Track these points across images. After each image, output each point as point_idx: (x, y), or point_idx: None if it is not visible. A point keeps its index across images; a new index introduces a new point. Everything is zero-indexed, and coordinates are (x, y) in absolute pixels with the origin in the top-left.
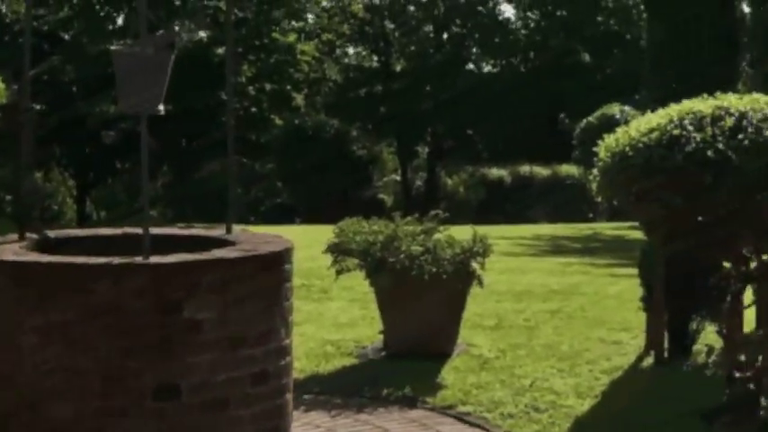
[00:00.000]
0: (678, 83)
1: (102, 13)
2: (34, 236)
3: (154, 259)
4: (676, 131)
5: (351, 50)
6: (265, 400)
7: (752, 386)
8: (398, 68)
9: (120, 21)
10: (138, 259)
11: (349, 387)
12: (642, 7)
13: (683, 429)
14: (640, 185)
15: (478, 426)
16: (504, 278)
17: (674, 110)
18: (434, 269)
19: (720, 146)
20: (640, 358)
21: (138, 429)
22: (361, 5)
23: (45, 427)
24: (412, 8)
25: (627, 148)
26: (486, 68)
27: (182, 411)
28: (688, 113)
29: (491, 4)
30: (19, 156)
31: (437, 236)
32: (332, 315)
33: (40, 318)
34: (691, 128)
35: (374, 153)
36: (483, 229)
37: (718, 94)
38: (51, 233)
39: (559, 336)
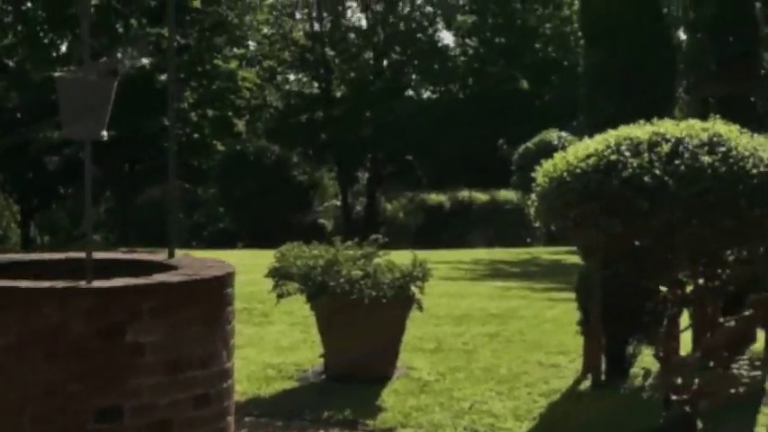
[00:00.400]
0: (615, 109)
1: (45, 41)
2: None
3: (97, 283)
4: (613, 157)
5: (292, 77)
6: (207, 422)
7: (688, 409)
8: (339, 95)
9: (63, 48)
10: (82, 283)
11: (290, 410)
12: (579, 34)
13: None
14: (578, 210)
15: None
16: (444, 302)
17: (611, 136)
18: (374, 293)
19: (657, 171)
20: (578, 381)
21: None
22: (301, 32)
23: None
24: (352, 35)
25: (565, 174)
26: (426, 95)
27: None
28: (625, 139)
29: (430, 32)
30: None
31: (377, 260)
32: (273, 338)
33: None
34: (627, 153)
35: (315, 178)
36: (422, 254)
37: (654, 120)
38: None
39: (498, 359)
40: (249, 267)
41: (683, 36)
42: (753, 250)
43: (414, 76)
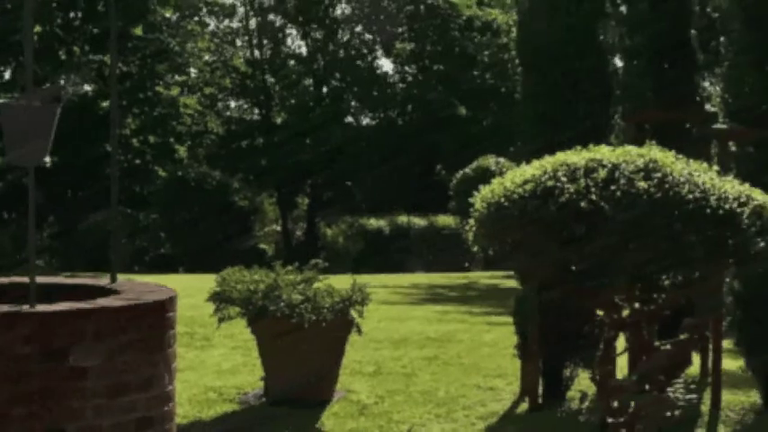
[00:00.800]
0: (552, 135)
1: None
2: None
3: (40, 308)
4: (550, 183)
5: (233, 103)
6: None
7: None
8: (279, 121)
9: (7, 75)
10: (26, 308)
11: None
12: (517, 62)
13: None
14: (516, 235)
15: None
16: (383, 326)
17: (548, 162)
18: (314, 317)
19: (593, 197)
20: (515, 404)
21: None
22: (242, 60)
23: None
24: (292, 62)
25: (502, 199)
26: (365, 121)
27: None
28: (562, 165)
29: (369, 59)
30: None
31: (317, 285)
32: (214, 362)
33: None
34: (564, 179)
35: (255, 204)
36: (362, 279)
37: (591, 146)
38: None
39: (436, 382)
40: (190, 292)
41: (619, 63)
42: (688, 275)
43: (353, 103)
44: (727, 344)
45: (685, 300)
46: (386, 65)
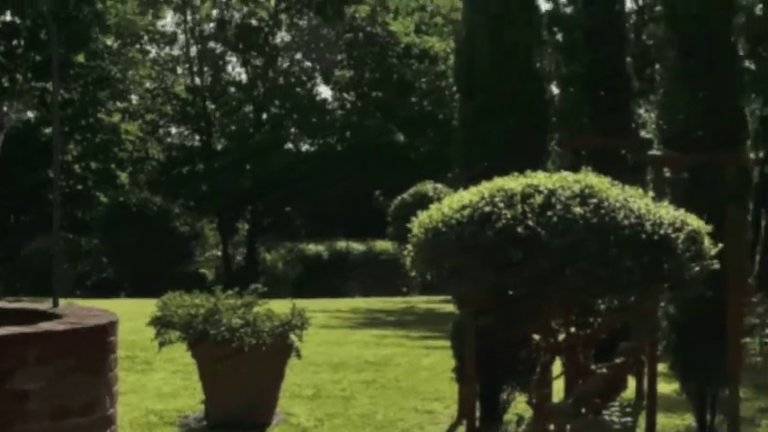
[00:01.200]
0: (489, 162)
1: None
2: None
3: None
4: (487, 208)
5: (173, 130)
6: None
7: None
8: (219, 147)
9: None
10: None
11: None
12: (454, 89)
13: None
14: (453, 261)
15: None
16: (322, 350)
17: (485, 188)
18: (254, 341)
19: (530, 222)
20: (453, 427)
21: None
22: (183, 87)
23: None
24: (232, 89)
25: (440, 225)
26: (305, 147)
27: None
28: (498, 191)
29: (309, 86)
30: None
31: (257, 309)
32: (155, 386)
33: None
34: (501, 205)
35: (196, 229)
36: (301, 303)
37: (528, 172)
38: None
39: (375, 405)
40: (132, 316)
41: (555, 90)
42: (623, 299)
43: (293, 129)
44: (662, 367)
45: (621, 323)
46: (325, 92)
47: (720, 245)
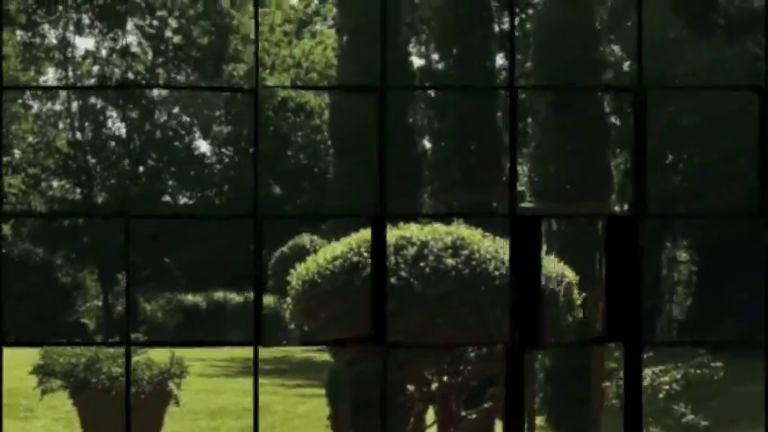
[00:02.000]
0: (362, 213)
1: None
2: None
3: None
4: (356, 259)
5: (55, 183)
6: None
7: None
8: (100, 201)
9: None
10: None
11: None
12: (329, 143)
13: None
14: (329, 310)
15: None
16: (200, 397)
17: (354, 239)
18: (133, 389)
19: (403, 273)
20: None
21: None
22: (65, 141)
23: None
24: (112, 143)
25: (316, 276)
26: (183, 200)
27: None
28: (366, 242)
29: (187, 140)
30: None
31: (136, 358)
32: None
33: None
34: (366, 255)
35: (77, 280)
36: (180, 352)
37: (401, 224)
38: None
39: None
40: (14, 364)
41: (428, 144)
42: (492, 347)
43: (171, 182)
44: (539, 420)
45: (489, 371)
46: (203, 146)
47: (584, 294)
